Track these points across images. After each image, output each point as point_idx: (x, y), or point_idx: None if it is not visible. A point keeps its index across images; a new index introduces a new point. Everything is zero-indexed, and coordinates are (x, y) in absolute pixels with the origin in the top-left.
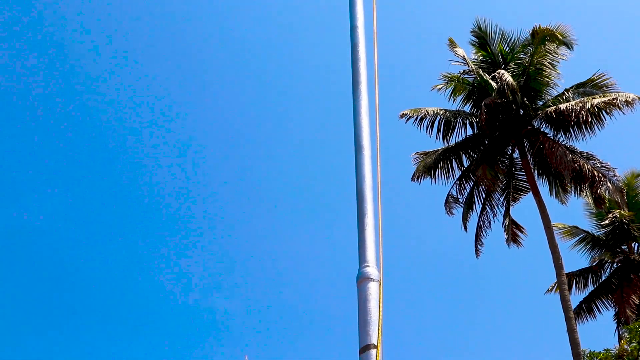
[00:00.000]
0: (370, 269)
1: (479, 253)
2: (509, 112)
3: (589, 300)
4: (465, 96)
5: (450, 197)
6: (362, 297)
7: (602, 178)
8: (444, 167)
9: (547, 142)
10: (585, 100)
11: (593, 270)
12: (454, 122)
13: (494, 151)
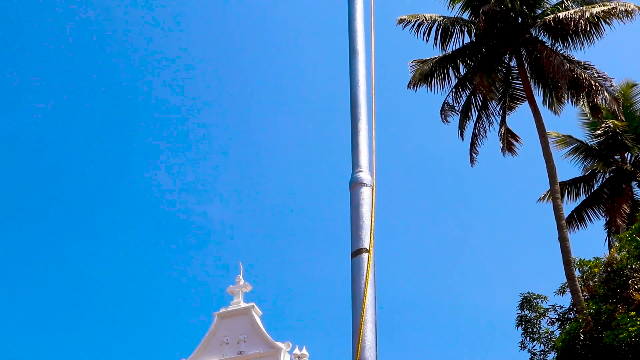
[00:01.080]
0: (363, 174)
1: (474, 161)
2: (507, 20)
3: (580, 209)
4: (464, 3)
5: (447, 105)
6: (354, 202)
7: (598, 88)
8: (440, 75)
9: (544, 50)
10: (585, 9)
11: (585, 180)
12: (452, 29)
13: (492, 59)
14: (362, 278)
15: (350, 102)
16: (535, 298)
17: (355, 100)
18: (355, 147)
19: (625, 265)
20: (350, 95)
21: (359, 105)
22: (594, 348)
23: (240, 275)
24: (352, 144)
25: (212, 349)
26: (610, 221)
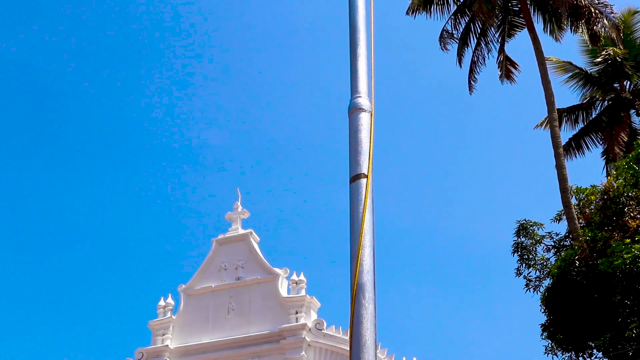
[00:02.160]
0: (361, 100)
1: (472, 89)
2: None
3: (578, 137)
4: None
5: (445, 32)
6: (353, 128)
7: (598, 15)
8: (439, 1)
9: None
10: None
11: (584, 108)
12: None
13: None
14: (361, 203)
15: (349, 27)
16: (531, 225)
17: (354, 25)
18: (354, 73)
19: (621, 193)
20: (349, 20)
21: (357, 30)
22: (589, 275)
23: (238, 202)
24: (351, 70)
25: (210, 275)
26: (607, 149)
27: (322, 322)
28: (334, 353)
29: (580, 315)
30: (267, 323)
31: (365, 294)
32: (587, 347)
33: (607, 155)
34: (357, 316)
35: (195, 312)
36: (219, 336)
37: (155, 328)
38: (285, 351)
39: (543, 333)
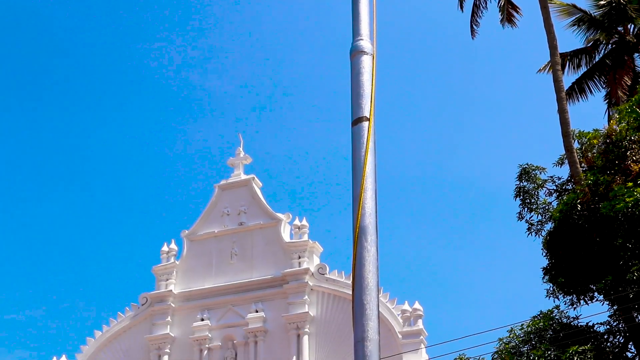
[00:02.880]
0: (363, 43)
1: (474, 33)
2: None
3: (581, 81)
4: None
5: None
6: (355, 71)
7: None
8: None
9: None
10: None
11: (587, 51)
12: None
13: None
14: (363, 146)
15: None
16: (533, 169)
17: None
18: (355, 16)
19: (624, 137)
20: None
21: None
22: (591, 218)
23: (240, 148)
24: (353, 12)
25: (212, 220)
26: (610, 93)
27: (325, 267)
28: (337, 297)
29: (581, 258)
30: (270, 268)
31: (367, 236)
32: (588, 290)
33: (610, 99)
34: (359, 259)
35: (199, 258)
36: (222, 281)
37: (159, 273)
38: (288, 295)
39: (544, 276)
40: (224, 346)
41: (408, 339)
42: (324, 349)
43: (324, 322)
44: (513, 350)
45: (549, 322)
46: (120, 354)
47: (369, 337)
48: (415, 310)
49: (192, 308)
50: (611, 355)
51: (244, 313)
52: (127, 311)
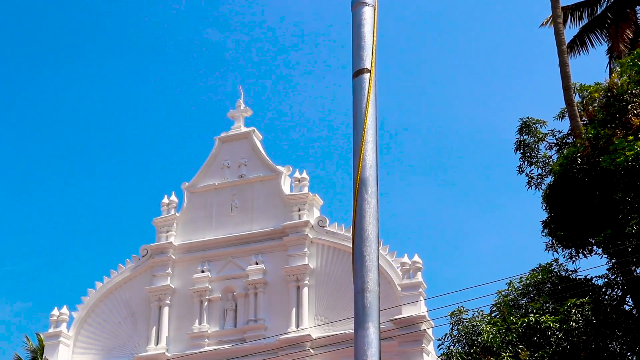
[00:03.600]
0: None
1: None
2: None
3: (582, 34)
4: None
5: None
6: (356, 22)
7: None
8: None
9: None
10: None
11: (589, 4)
12: None
13: None
14: (363, 98)
15: None
16: (534, 123)
17: None
18: None
19: (625, 90)
20: None
21: None
22: (591, 172)
23: (240, 100)
24: None
25: (213, 173)
26: (612, 46)
27: (325, 219)
28: (337, 250)
29: (581, 212)
30: (270, 220)
31: (367, 188)
32: (587, 243)
33: (612, 52)
34: (359, 210)
35: (199, 210)
36: (223, 233)
37: (160, 225)
38: (288, 248)
39: (544, 230)
40: (224, 298)
41: (407, 292)
42: (323, 301)
43: (323, 274)
44: (511, 302)
45: (547, 275)
46: (120, 304)
47: (368, 289)
48: (414, 263)
49: (192, 260)
50: (609, 308)
51: (244, 265)
52: (127, 263)
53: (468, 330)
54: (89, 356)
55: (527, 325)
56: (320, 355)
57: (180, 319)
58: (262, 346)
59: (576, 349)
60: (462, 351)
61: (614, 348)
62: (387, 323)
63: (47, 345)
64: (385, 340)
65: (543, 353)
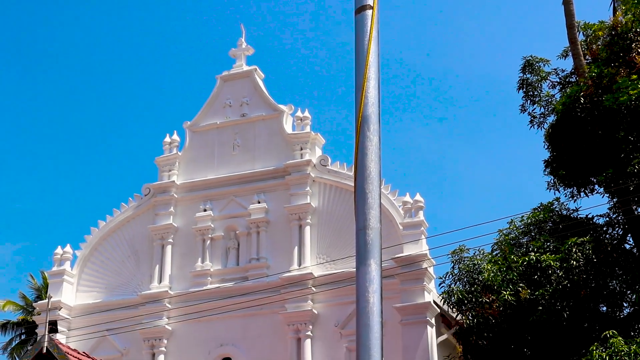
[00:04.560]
0: None
1: None
2: None
3: None
4: None
5: None
6: None
7: None
8: None
9: None
10: None
11: None
12: None
13: None
14: (366, 35)
15: None
16: (537, 61)
17: None
18: None
19: (629, 29)
20: None
21: None
22: (594, 111)
23: (242, 38)
24: None
25: (214, 112)
26: None
27: (327, 158)
28: (339, 189)
29: (583, 151)
30: (272, 159)
31: (369, 126)
32: (589, 182)
33: None
34: (361, 148)
35: (201, 149)
36: (225, 172)
37: (162, 164)
38: (290, 187)
39: (546, 169)
40: (226, 236)
41: (409, 230)
42: (325, 239)
43: (325, 213)
44: (513, 241)
45: (548, 214)
46: (124, 243)
47: (370, 226)
48: (416, 202)
49: (194, 199)
50: (609, 247)
51: (246, 204)
52: (130, 202)
53: (469, 269)
54: (93, 294)
55: (527, 263)
56: (322, 293)
57: (183, 258)
58: (265, 284)
59: (576, 287)
60: (463, 289)
61: (614, 286)
62: (388, 261)
63: (51, 283)
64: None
65: (543, 291)
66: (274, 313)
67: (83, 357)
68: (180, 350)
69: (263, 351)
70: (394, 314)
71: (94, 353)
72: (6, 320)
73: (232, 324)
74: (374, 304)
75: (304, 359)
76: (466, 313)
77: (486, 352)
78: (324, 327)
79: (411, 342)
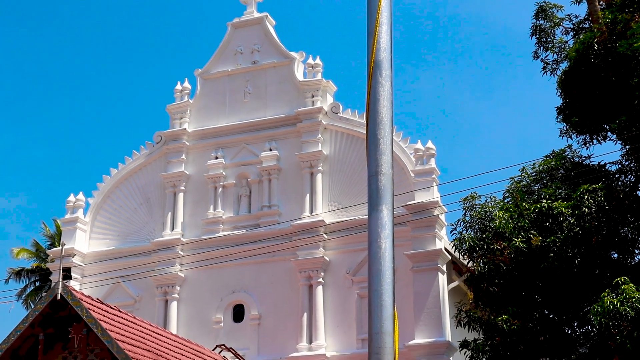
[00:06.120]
0: None
1: None
2: None
3: None
4: None
5: None
6: None
7: None
8: None
9: None
10: None
11: None
12: None
13: None
14: None
15: None
16: (550, 7)
17: None
18: None
19: None
20: None
21: None
22: (607, 58)
23: None
24: None
25: (225, 59)
26: None
27: (338, 105)
28: (350, 136)
29: (596, 98)
30: (284, 107)
31: (382, 71)
32: (601, 129)
33: None
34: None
35: (212, 96)
36: (236, 120)
37: (173, 112)
38: (302, 134)
39: (558, 116)
40: (238, 184)
41: (420, 178)
42: (336, 187)
43: (337, 160)
44: (524, 188)
45: (560, 161)
46: (136, 191)
47: (382, 171)
48: (428, 149)
49: (206, 146)
50: (621, 194)
51: (257, 151)
52: (142, 150)
53: (480, 216)
54: (106, 241)
55: (539, 211)
56: (334, 241)
57: (195, 205)
58: (276, 231)
59: (588, 234)
60: (474, 236)
61: (625, 233)
62: (400, 209)
63: (64, 231)
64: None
65: (555, 238)
66: (285, 260)
67: (97, 304)
68: (193, 297)
69: (275, 298)
70: (405, 261)
71: (108, 300)
72: (20, 267)
73: (244, 271)
74: (385, 249)
75: (316, 305)
76: (477, 260)
77: (497, 299)
78: (335, 274)
79: (422, 289)
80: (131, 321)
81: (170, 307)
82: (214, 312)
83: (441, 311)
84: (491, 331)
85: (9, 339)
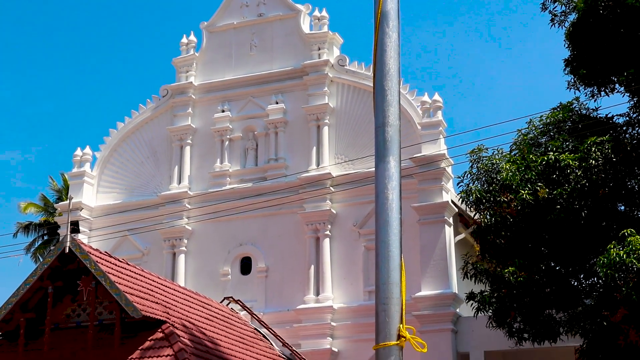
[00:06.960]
0: None
1: None
2: None
3: None
4: None
5: None
6: None
7: None
8: None
9: None
10: None
11: None
12: None
13: None
14: None
15: None
16: None
17: None
18: None
19: None
20: None
21: None
22: (616, 9)
23: None
24: None
25: (231, 12)
26: None
27: (345, 58)
28: (357, 89)
29: (604, 50)
30: (290, 59)
31: (389, 22)
32: (609, 82)
33: None
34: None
35: (218, 49)
36: (242, 73)
37: (179, 65)
38: (308, 87)
39: (566, 68)
40: (244, 137)
41: (427, 130)
42: (343, 140)
43: (343, 113)
44: (531, 141)
45: (568, 114)
46: (142, 144)
47: (389, 123)
48: (434, 101)
49: (212, 100)
50: (629, 146)
51: (264, 104)
52: (148, 103)
53: (487, 168)
54: (113, 195)
55: (546, 163)
56: (341, 193)
57: (201, 158)
58: (283, 184)
59: (595, 186)
60: (481, 189)
61: (632, 186)
62: (407, 161)
63: (72, 185)
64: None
65: (562, 190)
66: (292, 213)
67: (105, 257)
68: (201, 249)
69: (282, 250)
70: (412, 213)
71: (116, 253)
72: (28, 221)
73: (251, 224)
74: (393, 200)
75: (323, 258)
76: (484, 212)
77: (504, 251)
78: (342, 226)
79: (429, 241)
80: (139, 274)
81: (178, 260)
82: (221, 265)
83: (448, 263)
84: (497, 283)
85: (18, 292)
